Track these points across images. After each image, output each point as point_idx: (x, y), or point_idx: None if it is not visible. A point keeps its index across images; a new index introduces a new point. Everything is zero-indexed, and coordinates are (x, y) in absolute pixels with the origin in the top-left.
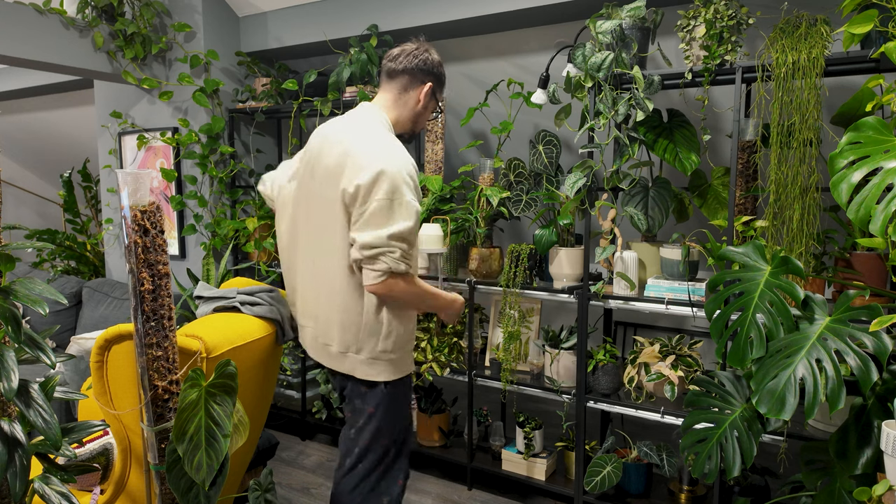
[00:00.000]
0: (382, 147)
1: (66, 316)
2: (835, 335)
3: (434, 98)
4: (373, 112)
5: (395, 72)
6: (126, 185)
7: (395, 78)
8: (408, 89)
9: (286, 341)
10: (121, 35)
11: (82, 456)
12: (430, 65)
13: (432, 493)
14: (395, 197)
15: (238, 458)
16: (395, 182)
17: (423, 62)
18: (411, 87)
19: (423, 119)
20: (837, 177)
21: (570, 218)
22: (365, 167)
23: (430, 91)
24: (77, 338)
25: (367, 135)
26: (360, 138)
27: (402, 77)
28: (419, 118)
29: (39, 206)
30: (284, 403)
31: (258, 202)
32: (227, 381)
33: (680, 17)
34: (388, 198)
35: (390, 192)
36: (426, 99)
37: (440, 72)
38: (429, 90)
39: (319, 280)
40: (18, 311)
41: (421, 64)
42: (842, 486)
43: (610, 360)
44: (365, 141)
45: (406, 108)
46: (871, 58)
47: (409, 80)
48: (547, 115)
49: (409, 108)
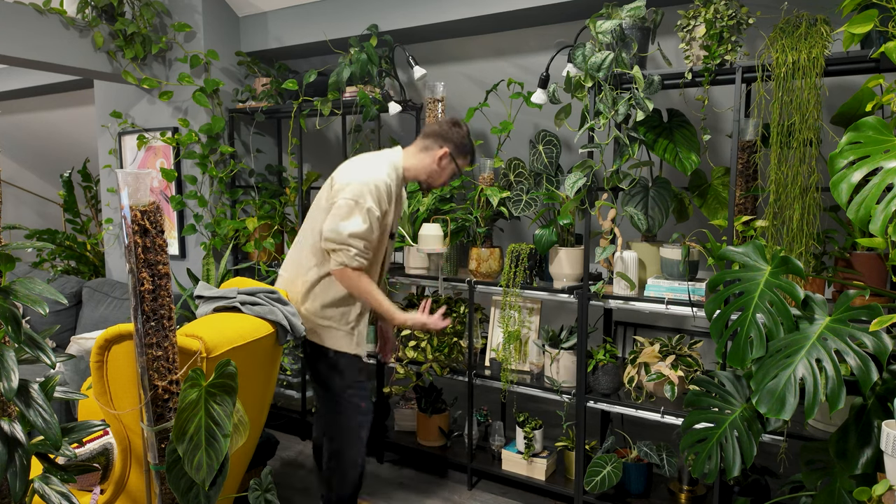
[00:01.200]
0: (365, 167)
1: (66, 316)
2: (835, 335)
3: (453, 162)
4: (390, 152)
5: (424, 133)
6: (126, 185)
7: (422, 137)
8: (428, 149)
9: (286, 341)
10: (121, 35)
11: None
12: (453, 135)
13: (432, 493)
14: (359, 201)
15: (238, 458)
16: (361, 189)
17: (447, 132)
18: (431, 148)
19: (439, 177)
20: (837, 177)
21: (570, 218)
22: (345, 176)
23: (446, 155)
24: (77, 338)
25: (363, 160)
26: (355, 161)
27: (427, 139)
28: (434, 175)
29: (39, 206)
30: (284, 403)
31: (258, 202)
32: (227, 381)
33: (680, 17)
34: (353, 199)
35: (356, 195)
36: (443, 161)
37: (462, 143)
38: (445, 154)
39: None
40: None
41: (444, 132)
42: (842, 485)
43: (610, 360)
44: (357, 162)
45: (421, 163)
46: (871, 58)
47: (431, 142)
48: (547, 115)
49: (424, 163)
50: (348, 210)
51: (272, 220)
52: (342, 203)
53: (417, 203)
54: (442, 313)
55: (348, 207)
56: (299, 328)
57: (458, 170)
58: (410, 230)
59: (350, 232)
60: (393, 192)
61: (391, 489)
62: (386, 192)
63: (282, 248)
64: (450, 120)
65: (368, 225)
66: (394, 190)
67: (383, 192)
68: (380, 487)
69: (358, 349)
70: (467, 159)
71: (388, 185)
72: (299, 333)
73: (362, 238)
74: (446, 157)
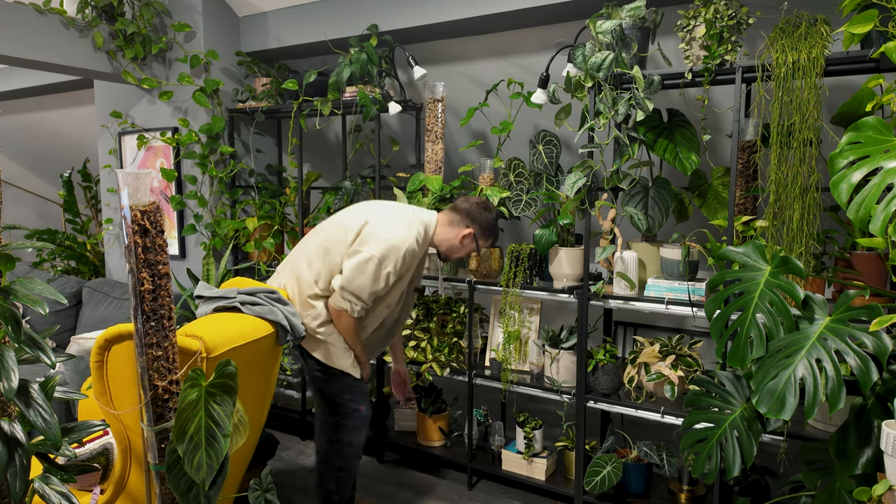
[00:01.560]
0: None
1: (66, 316)
2: (835, 335)
3: (475, 242)
4: (426, 215)
5: (455, 206)
6: (126, 185)
7: (452, 210)
8: (454, 224)
9: (286, 341)
10: (121, 35)
11: (82, 456)
12: (481, 219)
13: (432, 493)
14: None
15: (238, 458)
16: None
17: (477, 214)
18: (458, 224)
19: (458, 252)
20: (837, 177)
21: (570, 218)
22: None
23: (470, 235)
24: (77, 338)
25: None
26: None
27: (457, 213)
28: (454, 249)
29: (39, 206)
30: (284, 403)
31: (258, 202)
32: (227, 381)
33: (680, 17)
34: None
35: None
36: (465, 239)
37: (488, 227)
38: (469, 234)
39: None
40: (18, 311)
41: (474, 214)
42: (842, 485)
43: (610, 360)
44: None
45: (445, 236)
46: (871, 58)
47: (459, 219)
48: (547, 115)
49: (447, 236)
50: (373, 270)
51: (272, 220)
52: (367, 259)
53: (417, 203)
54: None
55: (373, 267)
56: (299, 328)
57: (478, 250)
58: None
59: (370, 292)
60: (417, 256)
61: (391, 489)
62: (410, 257)
63: (282, 248)
64: (482, 202)
65: (384, 285)
66: (418, 253)
67: (408, 259)
68: (380, 487)
69: (354, 369)
70: (489, 242)
71: (415, 250)
72: (299, 333)
73: (374, 294)
74: (470, 236)
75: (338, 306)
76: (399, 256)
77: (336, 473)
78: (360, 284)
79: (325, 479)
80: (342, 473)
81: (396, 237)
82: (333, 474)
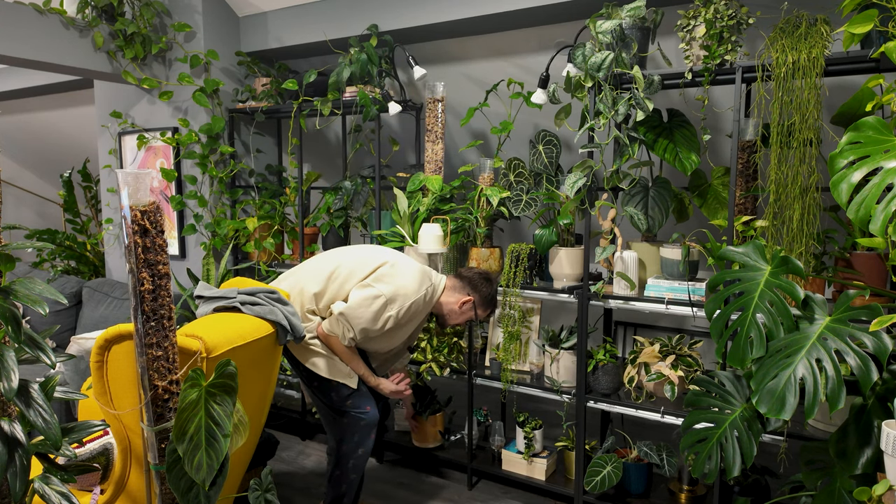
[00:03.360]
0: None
1: (66, 316)
2: (835, 335)
3: (473, 310)
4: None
5: (460, 275)
6: (126, 185)
7: (457, 278)
8: (456, 290)
9: (286, 341)
10: (121, 35)
11: (82, 456)
12: (482, 289)
13: (432, 493)
14: (388, 305)
15: (238, 458)
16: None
17: (478, 284)
18: (459, 291)
19: (456, 319)
20: (837, 177)
21: (570, 218)
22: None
23: (469, 303)
24: (77, 338)
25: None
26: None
27: (460, 280)
28: (452, 315)
29: (39, 206)
30: (284, 403)
31: (258, 202)
32: (227, 381)
33: (680, 17)
34: (385, 299)
35: (389, 298)
36: (465, 306)
37: (487, 298)
38: (469, 301)
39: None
40: (18, 311)
41: (476, 284)
42: (842, 485)
43: (610, 360)
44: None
45: (449, 299)
46: (871, 58)
47: (461, 286)
48: (547, 115)
49: (448, 301)
50: (377, 307)
51: (272, 220)
52: (375, 296)
53: (417, 203)
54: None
55: (378, 305)
56: (299, 328)
57: (476, 318)
58: (410, 230)
59: (363, 327)
60: (421, 313)
61: (391, 489)
62: (414, 310)
63: (282, 247)
64: (484, 273)
65: (381, 327)
66: (422, 310)
67: (411, 310)
68: (380, 487)
69: (349, 378)
70: (486, 312)
71: (420, 306)
72: (299, 334)
73: (367, 332)
74: (469, 304)
75: (330, 331)
76: (405, 305)
77: (350, 476)
78: (359, 315)
79: (338, 482)
80: (355, 476)
81: (409, 286)
82: (347, 477)
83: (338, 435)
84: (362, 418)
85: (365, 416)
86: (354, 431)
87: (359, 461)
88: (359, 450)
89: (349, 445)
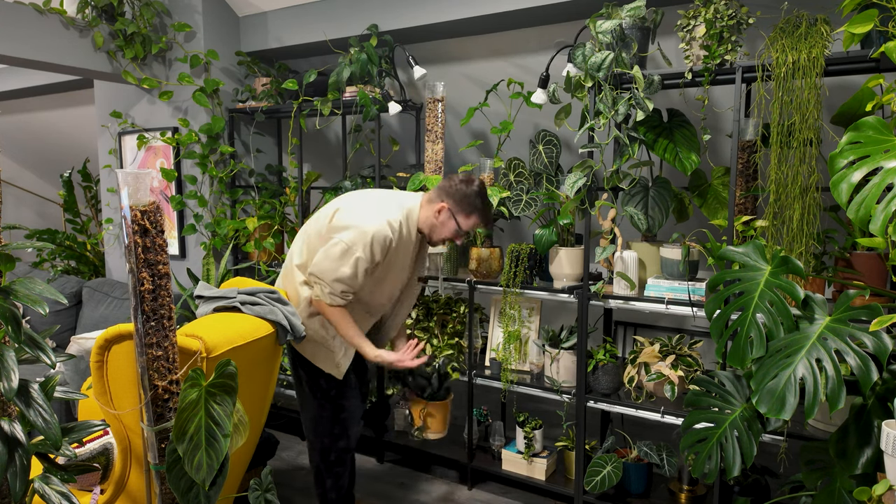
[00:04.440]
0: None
1: (66, 316)
2: (835, 335)
3: (453, 219)
4: (407, 197)
5: (439, 184)
6: (126, 184)
7: (435, 188)
8: (432, 201)
9: (286, 341)
10: (121, 35)
11: (82, 456)
12: (454, 191)
13: (432, 493)
14: (352, 248)
15: (238, 458)
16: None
17: (450, 187)
18: (434, 201)
19: (440, 232)
20: (837, 176)
21: (570, 218)
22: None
23: (444, 210)
24: (77, 338)
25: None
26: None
27: (435, 190)
28: (434, 229)
29: (39, 206)
30: (284, 403)
31: (258, 202)
32: (227, 381)
33: (680, 16)
34: (346, 244)
35: (350, 242)
36: (441, 216)
37: (463, 200)
38: (443, 209)
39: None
40: (18, 310)
41: (447, 187)
42: (842, 485)
43: (610, 360)
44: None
45: (424, 214)
46: (871, 57)
47: (435, 195)
48: (547, 115)
49: (426, 215)
50: (340, 254)
51: (272, 220)
52: (335, 244)
53: None
54: (416, 352)
55: (340, 252)
56: (299, 328)
57: (459, 228)
58: None
59: (334, 277)
60: (394, 243)
61: (391, 489)
62: (382, 244)
63: (282, 247)
64: (464, 177)
65: (353, 272)
66: (395, 241)
67: (377, 246)
68: (380, 487)
69: (337, 370)
70: (470, 219)
71: (388, 237)
72: (299, 333)
73: (344, 283)
74: (444, 212)
75: (315, 296)
76: (367, 242)
77: (334, 469)
78: (324, 268)
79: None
80: (340, 469)
81: (364, 223)
82: (332, 470)
83: (318, 428)
84: (343, 410)
85: (346, 410)
86: (335, 423)
87: (342, 455)
88: (339, 442)
89: (330, 438)
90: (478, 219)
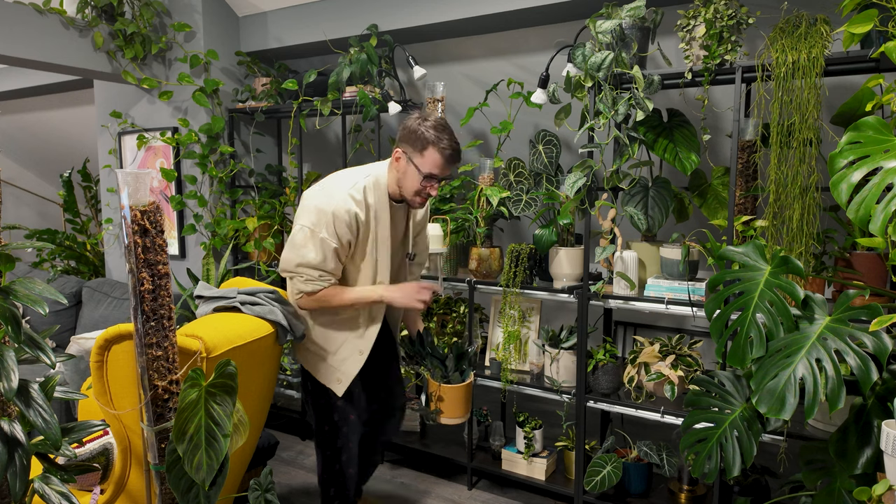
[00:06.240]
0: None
1: (66, 316)
2: (835, 335)
3: (411, 163)
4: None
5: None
6: (126, 184)
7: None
8: (393, 154)
9: (286, 341)
10: (121, 35)
11: (82, 456)
12: (406, 132)
13: (432, 493)
14: (314, 230)
15: (238, 458)
16: (318, 218)
17: (401, 129)
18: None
19: (407, 186)
20: (837, 176)
21: (570, 218)
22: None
23: (402, 156)
24: (77, 338)
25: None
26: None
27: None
28: (402, 183)
29: (39, 206)
30: (284, 403)
31: (258, 202)
32: (227, 381)
33: (680, 16)
34: (308, 227)
35: (312, 224)
36: (400, 163)
37: (413, 136)
38: (401, 154)
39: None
40: (18, 310)
41: (400, 131)
42: (842, 485)
43: (610, 360)
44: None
45: (390, 172)
46: (871, 57)
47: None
48: (547, 115)
49: (393, 171)
50: (302, 239)
51: (272, 220)
52: (298, 231)
53: None
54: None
55: (303, 236)
56: (299, 328)
57: (418, 171)
58: None
59: (298, 262)
60: (361, 216)
61: (391, 489)
62: (346, 220)
63: (281, 247)
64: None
65: (321, 255)
66: (363, 214)
67: (340, 223)
68: (381, 487)
69: (338, 385)
70: (426, 156)
71: (351, 210)
72: (299, 333)
73: (314, 268)
74: (402, 157)
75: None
76: (329, 220)
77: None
78: (287, 258)
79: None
80: (342, 478)
81: (321, 201)
82: (334, 479)
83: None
84: (346, 423)
85: (348, 424)
86: (337, 436)
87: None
88: (341, 455)
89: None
90: (435, 153)
